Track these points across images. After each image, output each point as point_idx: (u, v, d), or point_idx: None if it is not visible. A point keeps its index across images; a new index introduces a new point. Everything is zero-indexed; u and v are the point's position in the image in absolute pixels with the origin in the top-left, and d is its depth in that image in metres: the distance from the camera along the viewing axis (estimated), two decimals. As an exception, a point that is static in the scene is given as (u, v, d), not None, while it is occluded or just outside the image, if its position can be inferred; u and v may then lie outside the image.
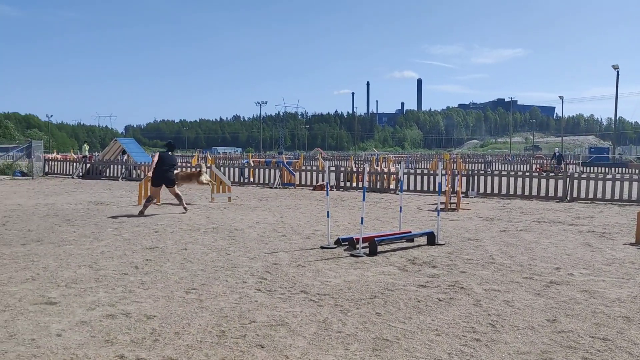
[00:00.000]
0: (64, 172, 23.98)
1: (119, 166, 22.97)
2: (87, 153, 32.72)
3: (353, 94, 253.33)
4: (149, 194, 11.65)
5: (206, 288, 5.43)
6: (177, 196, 11.54)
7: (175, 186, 11.69)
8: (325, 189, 7.87)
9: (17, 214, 10.97)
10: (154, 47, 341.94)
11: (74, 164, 24.27)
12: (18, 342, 3.88)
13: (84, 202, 13.27)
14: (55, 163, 25.02)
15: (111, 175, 22.76)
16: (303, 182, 19.28)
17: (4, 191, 16.19)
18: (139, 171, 22.05)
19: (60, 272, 6.03)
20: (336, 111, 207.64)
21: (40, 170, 23.83)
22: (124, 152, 25.70)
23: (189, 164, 24.21)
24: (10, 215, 10.65)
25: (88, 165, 23.54)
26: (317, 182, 18.85)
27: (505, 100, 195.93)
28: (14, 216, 10.59)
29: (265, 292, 5.34)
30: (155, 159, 11.37)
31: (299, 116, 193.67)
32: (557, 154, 31.97)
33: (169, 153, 11.57)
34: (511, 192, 16.00)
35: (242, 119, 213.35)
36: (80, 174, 23.20)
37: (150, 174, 11.22)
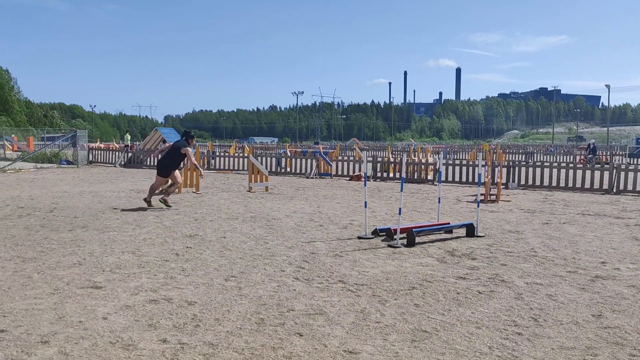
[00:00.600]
0: (107, 161, 24.71)
1: (159, 155, 23.48)
2: (129, 142, 33.52)
3: (390, 83, 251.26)
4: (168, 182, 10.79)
5: (245, 276, 5.50)
6: (164, 189, 10.69)
7: (169, 178, 10.72)
8: (363, 179, 7.83)
9: (64, 200, 11.37)
10: (193, 40, 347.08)
11: (117, 153, 24.97)
12: (67, 324, 4.03)
13: (126, 190, 13.64)
14: (99, 152, 25.80)
15: (152, 164, 23.29)
16: (339, 172, 19.27)
17: (51, 179, 16.81)
18: (178, 160, 22.49)
19: (104, 257, 6.22)
20: (373, 101, 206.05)
21: (85, 159, 24.62)
22: (164, 142, 26.26)
23: (227, 153, 24.53)
24: (57, 202, 11.05)
25: (130, 155, 24.17)
26: (353, 172, 18.80)
27: (548, 89, 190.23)
28: (61, 203, 10.98)
29: (303, 281, 5.37)
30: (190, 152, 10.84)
31: (335, 106, 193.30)
32: (592, 146, 30.92)
33: (180, 140, 11.12)
34: (554, 183, 15.55)
35: (278, 109, 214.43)
36: (122, 162, 23.85)
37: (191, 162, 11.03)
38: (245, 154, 22.39)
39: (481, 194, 12.01)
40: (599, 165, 15.80)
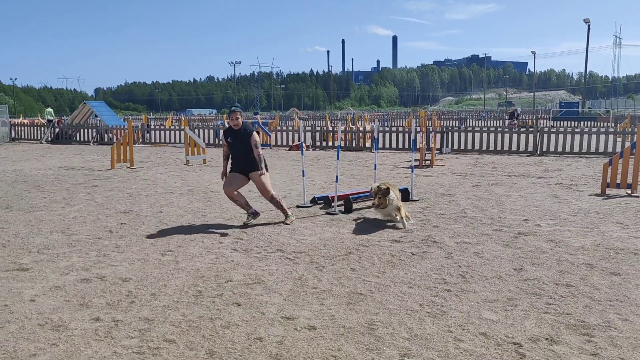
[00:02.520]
0: (32, 138, 23.37)
1: (90, 130, 22.47)
2: (50, 117, 31.50)
3: (328, 52, 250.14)
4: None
5: (182, 250, 5.44)
6: None
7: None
8: (301, 149, 7.84)
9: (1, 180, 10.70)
10: (124, 6, 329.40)
11: (42, 128, 23.63)
12: (-9, 308, 3.86)
13: (54, 168, 13.01)
14: (23, 128, 24.32)
15: (82, 139, 22.27)
16: (279, 143, 19.19)
17: (-30, 158, 15.74)
18: (110, 135, 21.61)
19: (31, 238, 5.95)
20: (312, 70, 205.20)
21: (7, 136, 23.16)
22: (95, 116, 25.09)
23: (162, 127, 23.79)
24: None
25: (57, 130, 22.95)
26: (293, 142, 18.78)
27: (480, 56, 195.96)
28: (-18, 183, 10.33)
29: (242, 251, 5.38)
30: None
31: (274, 76, 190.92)
32: (515, 112, 33.27)
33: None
34: (484, 147, 16.21)
35: (216, 80, 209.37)
36: (49, 139, 22.64)
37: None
38: (182, 127, 21.80)
39: (416, 160, 12.35)
40: (524, 129, 16.59)
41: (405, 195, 8.09)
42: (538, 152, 15.36)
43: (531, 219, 6.72)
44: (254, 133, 6.62)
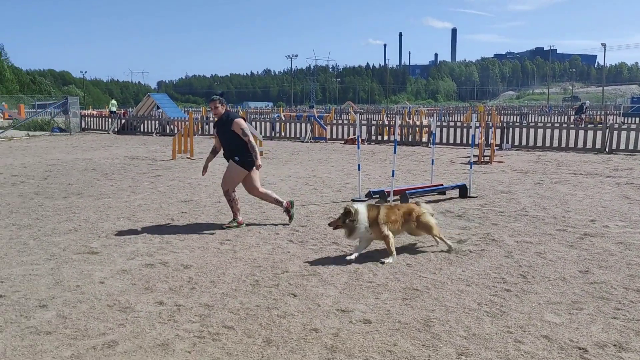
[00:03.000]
0: (100, 128, 24.52)
1: (153, 121, 23.32)
2: (114, 109, 32.66)
3: (385, 45, 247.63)
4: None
5: (240, 239, 5.57)
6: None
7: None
8: (357, 143, 7.83)
9: (58, 168, 11.35)
10: (186, 4, 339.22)
11: (110, 119, 24.75)
12: (64, 288, 4.10)
13: (120, 157, 13.61)
14: (91, 119, 25.56)
15: (145, 130, 23.15)
16: (334, 136, 19.23)
17: (43, 146, 16.71)
18: (172, 126, 22.36)
19: (100, 223, 6.26)
20: (367, 63, 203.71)
21: (77, 126, 24.41)
22: (158, 108, 26.01)
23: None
24: (51, 170, 11.03)
25: (123, 121, 23.98)
26: (348, 135, 18.76)
27: (544, 49, 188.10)
28: (55, 170, 10.96)
29: (297, 243, 5.44)
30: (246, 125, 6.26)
31: (330, 69, 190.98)
32: (584, 107, 30.68)
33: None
34: (547, 144, 15.58)
35: (272, 73, 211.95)
36: (116, 129, 23.68)
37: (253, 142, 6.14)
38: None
39: (475, 156, 12.05)
40: (592, 125, 15.80)
41: (463, 191, 7.92)
42: (606, 149, 14.60)
43: (598, 220, 6.41)
44: (236, 120, 6.03)
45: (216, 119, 6.21)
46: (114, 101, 36.38)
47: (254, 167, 6.06)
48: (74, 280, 4.27)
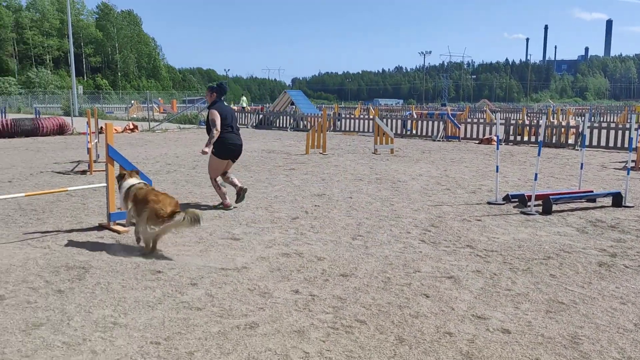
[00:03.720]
0: (240, 122, 26.19)
1: (288, 117, 24.37)
2: (244, 104, 34.23)
3: (527, 39, 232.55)
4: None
5: (371, 236, 5.60)
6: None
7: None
8: (493, 143, 7.46)
9: (204, 158, 12.33)
10: (319, 2, 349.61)
11: (249, 115, 26.36)
12: (211, 269, 4.45)
13: (258, 150, 14.42)
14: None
15: (281, 125, 24.27)
16: (468, 135, 18.52)
17: (191, 138, 18.29)
18: (305, 122, 23.18)
19: (241, 212, 6.69)
20: (507, 59, 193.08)
21: (221, 121, 26.29)
22: (292, 104, 27.14)
23: (352, 116, 24.66)
24: (198, 160, 12.04)
25: (261, 116, 25.38)
26: (483, 135, 17.95)
27: None
28: (202, 161, 11.93)
29: (430, 243, 5.33)
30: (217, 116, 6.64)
31: (465, 66, 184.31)
32: None
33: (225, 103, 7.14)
34: None
35: (404, 70, 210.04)
36: (254, 124, 25.15)
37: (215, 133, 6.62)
38: (371, 116, 22.39)
39: (632, 161, 10.83)
40: None
41: (617, 200, 7.17)
42: None
43: None
44: (210, 110, 6.65)
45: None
46: (244, 97, 38.64)
47: (227, 156, 6.80)
48: (219, 263, 4.62)
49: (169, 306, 3.66)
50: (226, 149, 6.77)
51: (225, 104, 7.09)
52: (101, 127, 14.57)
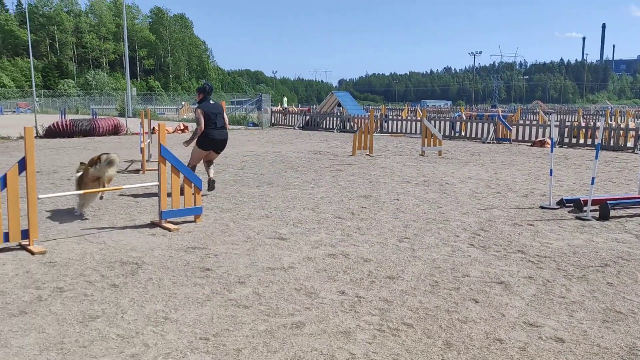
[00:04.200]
0: (287, 124, 26.45)
1: (335, 118, 24.41)
2: (285, 105, 34.52)
3: (584, 38, 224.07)
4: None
5: (418, 238, 5.53)
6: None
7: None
8: (547, 145, 7.22)
9: (252, 159, 12.54)
10: (366, 3, 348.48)
11: (295, 116, 26.57)
12: (258, 268, 4.50)
13: (304, 151, 14.51)
14: (279, 115, 27.71)
15: (327, 126, 24.33)
16: (520, 137, 18.00)
17: (240, 139, 18.61)
18: (352, 123, 23.15)
19: (287, 212, 6.75)
20: (561, 59, 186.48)
21: (268, 122, 26.68)
22: (339, 105, 27.16)
23: (399, 117, 24.40)
24: (246, 161, 12.24)
25: (307, 118, 25.54)
26: (536, 137, 17.40)
27: None
28: (249, 161, 12.13)
29: (479, 247, 5.21)
30: (201, 115, 7.64)
31: (517, 66, 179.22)
32: None
33: (212, 102, 7.92)
34: None
35: (453, 71, 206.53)
36: (301, 125, 25.33)
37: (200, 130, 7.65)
38: (418, 117, 22.11)
39: (697, 165, 10.23)
40: None
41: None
42: None
43: None
44: (196, 109, 7.74)
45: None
46: (285, 99, 39.11)
47: (207, 148, 7.77)
48: (266, 262, 4.67)
49: (218, 303, 3.73)
50: (206, 142, 7.76)
51: (212, 102, 7.95)
52: (153, 128, 15.05)
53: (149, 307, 3.66)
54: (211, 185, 7.88)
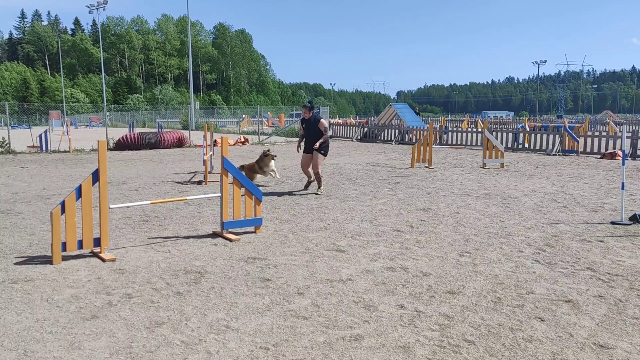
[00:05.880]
0: (345, 136, 26.54)
1: (393, 130, 24.26)
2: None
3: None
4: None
5: (480, 253, 5.39)
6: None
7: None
8: (620, 157, 6.86)
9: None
10: (426, 10, 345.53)
11: (353, 128, 26.63)
12: (317, 280, 4.54)
13: (363, 163, 14.50)
14: (337, 127, 27.85)
15: (385, 138, 24.21)
16: (588, 149, 17.21)
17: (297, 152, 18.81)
18: (410, 135, 22.93)
19: (346, 224, 6.77)
20: (633, 67, 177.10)
21: (326, 134, 26.83)
22: (397, 117, 26.97)
23: (459, 129, 23.91)
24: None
25: (365, 130, 25.53)
26: (606, 149, 16.57)
27: None
28: (308, 173, 12.24)
29: (544, 264, 5.01)
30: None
31: (585, 75, 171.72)
32: None
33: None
34: None
35: (515, 81, 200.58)
36: (359, 137, 25.35)
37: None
38: (479, 129, 21.60)
39: None
40: None
41: None
42: None
43: None
44: (321, 120, 8.96)
45: (306, 119, 9.10)
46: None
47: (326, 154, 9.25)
48: (325, 274, 4.70)
49: (277, 313, 3.79)
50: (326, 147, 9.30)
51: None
52: (215, 140, 15.44)
53: (212, 315, 3.77)
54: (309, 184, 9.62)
